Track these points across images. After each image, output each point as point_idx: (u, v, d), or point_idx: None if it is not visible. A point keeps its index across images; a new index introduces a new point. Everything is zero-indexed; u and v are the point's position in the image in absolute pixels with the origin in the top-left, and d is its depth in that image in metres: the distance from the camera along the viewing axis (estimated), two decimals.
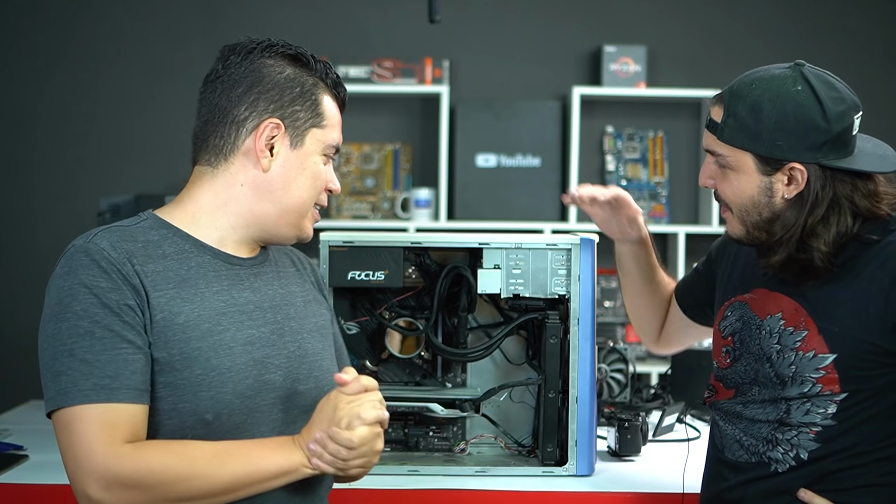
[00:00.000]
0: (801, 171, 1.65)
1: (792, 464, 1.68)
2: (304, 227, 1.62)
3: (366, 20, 4.31)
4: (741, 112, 1.67)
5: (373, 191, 4.30)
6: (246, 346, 1.55)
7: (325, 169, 1.62)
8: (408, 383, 2.23)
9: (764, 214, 1.68)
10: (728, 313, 1.81)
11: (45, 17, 4.27)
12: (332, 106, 1.62)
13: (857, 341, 1.63)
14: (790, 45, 4.32)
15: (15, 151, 4.28)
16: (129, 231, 1.53)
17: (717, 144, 1.70)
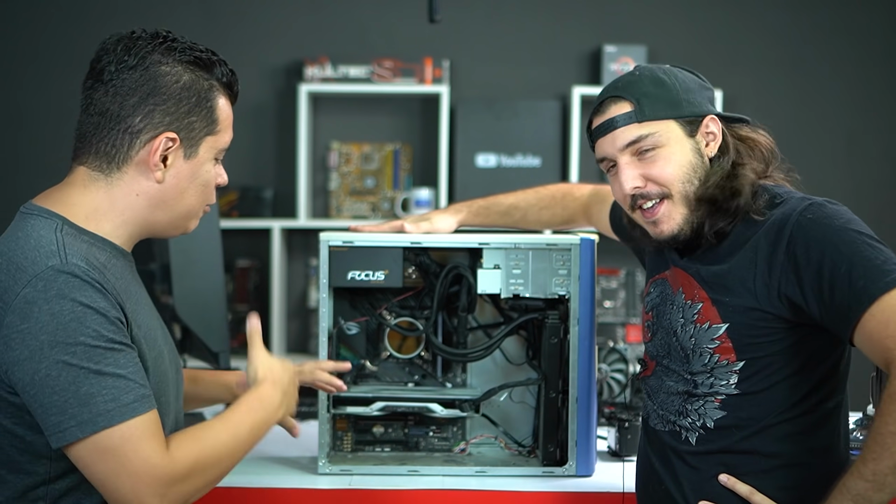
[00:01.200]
0: (714, 121, 1.75)
1: (700, 432, 1.72)
2: (189, 227, 1.62)
3: (366, 20, 4.31)
4: (648, 89, 1.74)
5: (373, 191, 4.29)
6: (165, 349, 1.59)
7: (216, 170, 1.61)
8: (408, 383, 2.23)
9: (702, 178, 1.72)
10: (651, 289, 1.86)
11: (47, 17, 4.27)
12: (226, 107, 1.59)
13: (746, 309, 1.66)
14: (790, 45, 4.33)
15: (16, 151, 4.28)
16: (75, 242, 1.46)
17: (640, 128, 1.72)
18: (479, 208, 2.27)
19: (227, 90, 1.59)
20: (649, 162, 1.72)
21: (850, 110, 4.34)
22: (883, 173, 4.35)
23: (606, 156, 1.76)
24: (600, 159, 1.78)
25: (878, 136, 4.37)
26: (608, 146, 1.75)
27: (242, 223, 4.16)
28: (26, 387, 1.37)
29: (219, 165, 1.62)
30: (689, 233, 1.73)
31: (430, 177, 4.27)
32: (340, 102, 4.29)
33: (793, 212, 1.65)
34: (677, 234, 1.73)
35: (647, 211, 1.74)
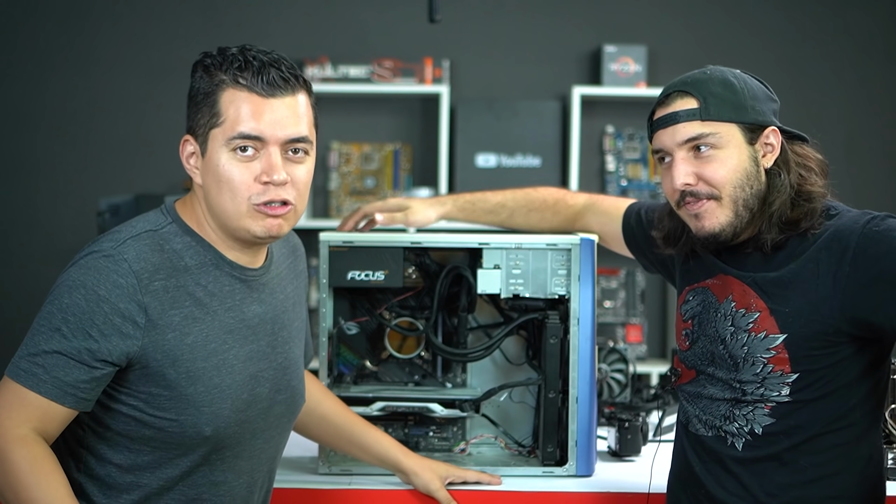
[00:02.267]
0: (775, 134, 1.74)
1: (748, 438, 1.72)
2: (249, 229, 1.57)
3: (366, 20, 4.31)
4: (716, 90, 1.73)
5: (373, 191, 4.30)
6: (245, 363, 1.61)
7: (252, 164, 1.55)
8: (408, 383, 2.23)
9: (754, 188, 1.72)
10: (690, 297, 1.85)
11: (45, 17, 4.27)
12: (235, 97, 1.54)
13: (807, 321, 1.66)
14: (790, 45, 4.33)
15: (16, 151, 4.28)
16: (158, 238, 1.56)
17: (703, 126, 1.71)
18: (465, 203, 2.26)
19: (239, 81, 1.55)
20: (705, 161, 1.72)
21: (850, 110, 4.34)
22: (883, 173, 4.36)
23: (664, 147, 1.76)
24: (657, 150, 1.78)
25: (878, 137, 4.37)
26: (667, 139, 1.74)
27: None
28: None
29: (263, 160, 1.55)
30: (730, 236, 1.73)
31: (430, 177, 4.27)
32: (340, 102, 4.29)
33: (855, 224, 1.65)
34: (718, 234, 1.73)
35: (693, 204, 1.74)
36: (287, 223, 1.59)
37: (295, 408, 1.73)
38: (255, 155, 1.55)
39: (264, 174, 1.55)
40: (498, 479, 2.03)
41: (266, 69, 1.55)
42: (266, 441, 1.67)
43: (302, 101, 1.61)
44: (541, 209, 2.23)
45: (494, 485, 2.03)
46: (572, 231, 2.20)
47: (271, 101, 1.55)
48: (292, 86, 1.58)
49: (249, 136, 1.54)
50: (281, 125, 1.55)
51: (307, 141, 1.61)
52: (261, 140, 1.55)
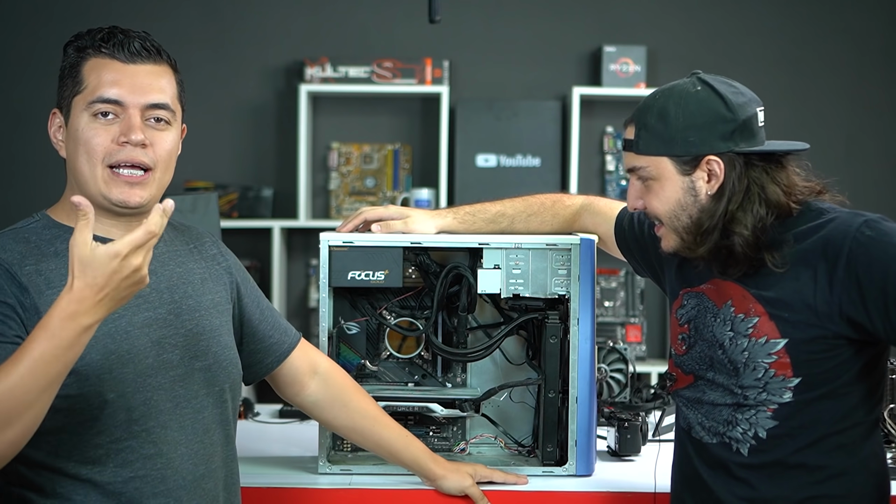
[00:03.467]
0: (717, 163, 1.72)
1: (752, 443, 1.72)
2: (107, 194, 1.59)
3: (366, 20, 4.31)
4: (650, 121, 1.75)
5: (373, 191, 4.30)
6: (143, 329, 1.60)
7: (112, 128, 1.58)
8: (408, 383, 2.23)
9: (693, 216, 1.74)
10: (685, 301, 1.85)
11: (45, 17, 4.27)
12: (98, 65, 1.60)
13: (807, 326, 1.67)
14: (790, 45, 4.33)
15: (15, 152, 4.28)
16: (22, 232, 1.60)
17: (636, 159, 1.77)
18: (465, 215, 2.23)
19: (103, 51, 1.61)
20: (646, 190, 1.79)
21: (849, 110, 4.34)
22: (882, 173, 4.36)
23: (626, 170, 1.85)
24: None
25: (878, 137, 4.37)
26: (624, 162, 1.84)
27: (242, 223, 4.16)
28: None
29: (123, 122, 1.58)
30: (690, 253, 1.77)
31: (430, 177, 4.28)
32: (340, 102, 4.29)
33: (849, 228, 1.65)
34: (677, 251, 1.79)
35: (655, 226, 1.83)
36: (145, 191, 1.60)
37: (224, 376, 1.70)
38: (114, 119, 1.59)
39: (122, 135, 1.58)
40: (524, 479, 2.04)
41: (130, 39, 1.62)
42: (196, 411, 1.65)
43: (165, 73, 1.65)
44: (539, 213, 2.23)
45: (521, 484, 2.03)
46: (571, 232, 2.20)
47: (132, 66, 1.61)
48: (154, 57, 1.63)
49: (109, 100, 1.58)
50: (141, 90, 1.60)
51: (168, 108, 1.63)
52: (120, 104, 1.59)
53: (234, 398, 1.74)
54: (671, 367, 1.90)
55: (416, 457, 1.99)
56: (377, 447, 1.99)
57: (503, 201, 2.26)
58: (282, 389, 1.96)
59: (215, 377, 1.68)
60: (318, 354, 1.98)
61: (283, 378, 1.93)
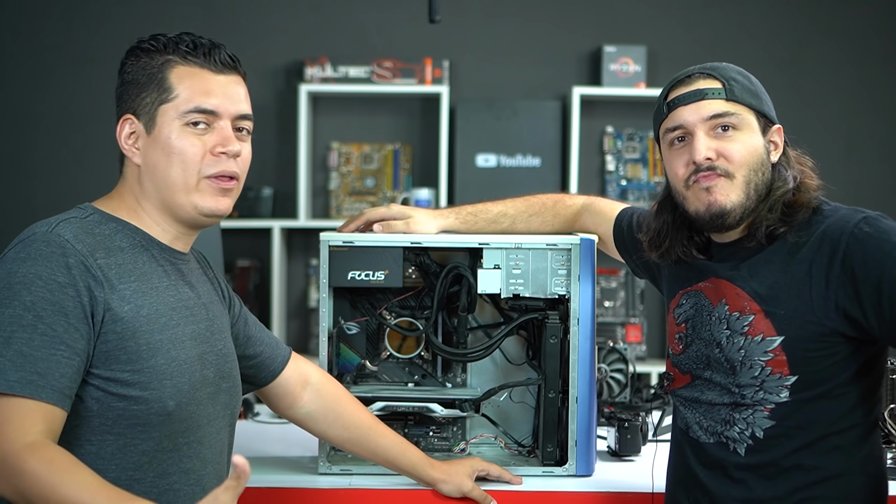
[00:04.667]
0: (780, 132, 1.77)
1: (749, 443, 1.72)
2: (197, 203, 1.60)
3: (366, 20, 4.31)
4: (737, 77, 1.76)
5: (373, 191, 4.30)
6: (192, 341, 1.60)
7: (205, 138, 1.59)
8: (408, 383, 2.23)
9: (765, 175, 1.73)
10: (683, 301, 1.85)
11: (45, 17, 4.27)
12: (188, 73, 1.60)
13: (803, 322, 1.66)
14: (790, 45, 4.33)
15: (15, 151, 4.28)
16: (85, 224, 1.56)
17: (727, 105, 1.73)
18: (467, 215, 2.23)
19: (190, 58, 1.60)
20: (726, 140, 1.72)
21: (849, 111, 4.34)
22: (883, 173, 4.36)
23: (685, 125, 1.74)
24: (673, 128, 1.76)
25: (878, 137, 4.37)
26: (690, 114, 1.74)
27: (243, 223, 4.16)
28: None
29: (217, 133, 1.60)
30: (736, 218, 1.72)
31: (430, 177, 4.28)
32: (340, 102, 4.29)
33: (847, 224, 1.65)
34: (727, 212, 1.71)
35: (707, 178, 1.71)
36: (231, 199, 1.64)
37: (236, 400, 1.72)
38: (206, 129, 1.60)
39: (218, 146, 1.59)
40: (519, 480, 2.04)
41: (216, 48, 1.62)
42: (217, 431, 1.65)
43: (244, 84, 1.67)
44: (541, 213, 2.23)
45: (514, 484, 2.03)
46: (572, 232, 2.20)
47: (222, 77, 1.61)
48: (237, 67, 1.65)
49: (205, 111, 1.59)
50: (232, 100, 1.62)
51: (252, 119, 1.66)
52: (214, 114, 1.60)
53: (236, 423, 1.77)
54: (669, 367, 1.90)
55: (413, 463, 1.98)
56: (374, 455, 1.99)
57: (505, 201, 2.25)
58: (273, 403, 1.96)
59: (231, 399, 1.69)
60: (308, 366, 1.98)
61: (274, 392, 1.93)
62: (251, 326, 1.87)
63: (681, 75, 1.79)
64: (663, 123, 1.78)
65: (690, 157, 1.72)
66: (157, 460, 1.54)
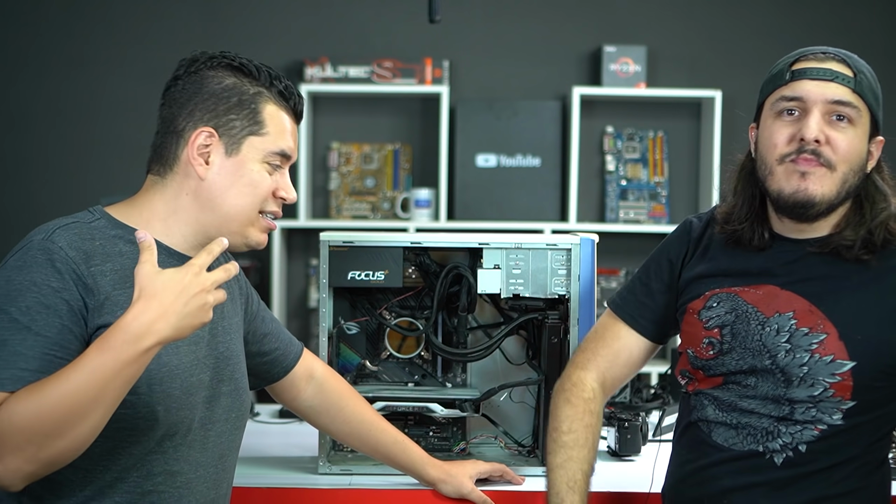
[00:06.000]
0: (880, 145, 1.73)
1: (789, 455, 1.68)
2: (248, 235, 1.63)
3: (366, 20, 4.31)
4: (866, 72, 1.72)
5: (373, 191, 4.30)
6: (189, 346, 1.59)
7: (274, 178, 1.63)
8: (408, 383, 2.23)
9: (858, 178, 1.68)
10: (713, 304, 1.75)
11: (43, 16, 4.27)
12: (278, 114, 1.63)
13: (878, 353, 1.63)
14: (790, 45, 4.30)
15: (14, 151, 4.28)
16: (86, 230, 1.55)
17: (850, 95, 1.68)
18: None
19: (280, 100, 1.63)
20: (839, 129, 1.66)
21: None
22: None
23: (806, 98, 1.67)
24: (790, 97, 1.68)
25: None
26: (815, 90, 1.67)
27: None
28: None
29: (282, 177, 1.64)
30: (821, 212, 1.67)
31: (430, 177, 4.27)
32: (340, 102, 4.29)
33: None
34: (816, 202, 1.65)
35: (807, 162, 1.65)
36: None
37: (241, 404, 1.71)
38: (275, 169, 1.64)
39: (282, 190, 1.64)
40: (520, 479, 2.04)
41: (300, 99, 1.67)
42: (218, 435, 1.65)
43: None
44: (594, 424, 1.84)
45: (516, 483, 2.03)
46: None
47: (295, 126, 1.67)
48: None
49: (285, 155, 1.63)
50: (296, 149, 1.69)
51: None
52: (288, 158, 1.65)
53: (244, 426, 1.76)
54: (686, 366, 1.80)
55: (413, 461, 1.99)
56: (374, 451, 1.99)
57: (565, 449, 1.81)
58: (278, 394, 1.97)
59: (234, 403, 1.69)
60: (314, 360, 1.99)
61: (280, 385, 1.94)
62: (268, 323, 1.88)
63: (810, 50, 1.72)
64: (780, 90, 1.70)
65: (799, 134, 1.65)
66: (142, 461, 1.55)
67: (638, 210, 4.28)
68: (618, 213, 4.28)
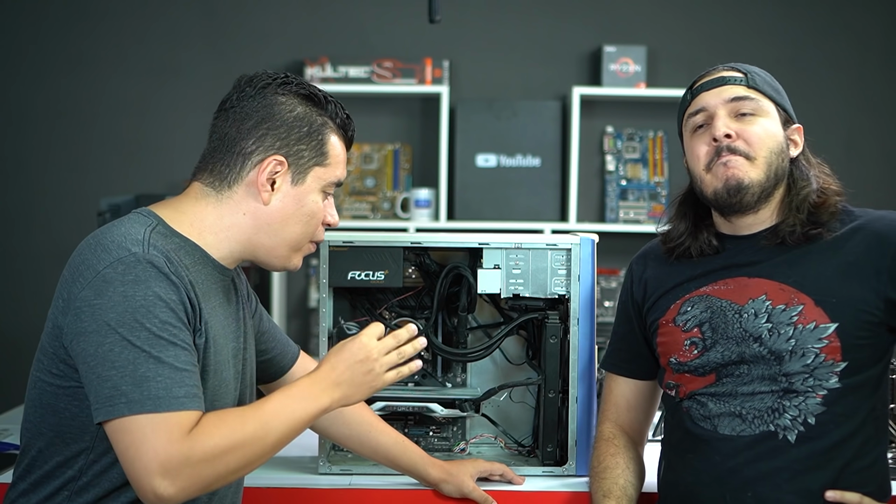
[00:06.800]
0: (800, 133, 1.85)
1: (801, 429, 1.73)
2: (292, 259, 1.67)
3: (366, 20, 4.31)
4: (759, 72, 1.85)
5: (373, 191, 4.30)
6: (233, 360, 1.64)
7: (325, 204, 1.67)
8: (408, 383, 2.23)
9: (784, 162, 1.81)
10: (686, 308, 1.85)
11: (43, 16, 4.27)
12: (338, 145, 1.67)
13: (856, 310, 1.73)
14: (790, 45, 4.33)
15: (14, 151, 4.28)
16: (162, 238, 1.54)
17: (745, 90, 1.82)
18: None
19: (340, 131, 1.67)
20: (746, 122, 1.80)
21: (850, 110, 4.34)
22: (883, 173, 4.36)
23: (706, 107, 1.82)
24: (695, 112, 1.84)
25: (878, 136, 4.37)
26: (712, 97, 1.82)
27: None
28: (88, 357, 1.44)
29: (329, 204, 1.68)
30: (756, 196, 1.79)
31: (430, 177, 4.28)
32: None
33: (893, 221, 1.76)
34: (745, 186, 1.77)
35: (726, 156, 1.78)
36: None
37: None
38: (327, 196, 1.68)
39: (330, 216, 1.68)
40: (521, 479, 2.04)
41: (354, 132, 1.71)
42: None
43: None
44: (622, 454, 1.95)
45: (517, 483, 2.03)
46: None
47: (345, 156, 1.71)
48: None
49: (340, 184, 1.69)
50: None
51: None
52: (340, 186, 1.70)
53: None
54: (672, 377, 1.87)
55: (413, 462, 1.99)
56: (374, 453, 1.99)
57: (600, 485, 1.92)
58: None
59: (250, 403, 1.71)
60: (312, 363, 2.00)
61: (277, 385, 1.95)
62: (265, 322, 1.90)
63: (705, 70, 1.89)
64: (687, 111, 1.87)
65: (711, 137, 1.80)
66: None
67: (638, 210, 4.28)
68: (618, 213, 4.28)
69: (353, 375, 1.58)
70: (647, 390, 2.01)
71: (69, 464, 1.53)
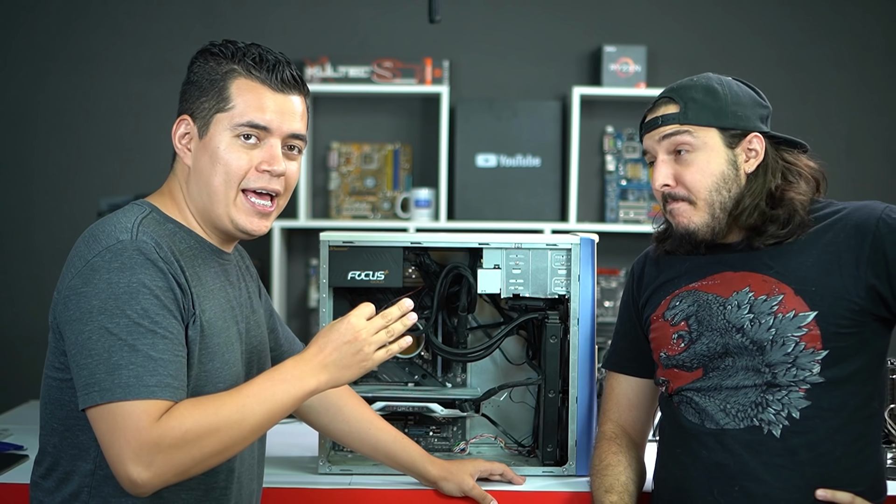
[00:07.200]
0: (759, 140, 1.82)
1: (785, 423, 1.74)
2: (234, 218, 1.61)
3: (366, 20, 4.31)
4: (697, 96, 1.82)
5: (373, 191, 4.30)
6: (238, 342, 1.64)
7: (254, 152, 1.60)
8: (408, 383, 2.24)
9: (732, 191, 1.81)
10: (675, 303, 1.88)
11: (43, 16, 4.27)
12: (249, 87, 1.60)
13: (836, 299, 1.74)
14: (790, 45, 4.33)
15: (14, 151, 4.28)
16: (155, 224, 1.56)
17: (677, 127, 1.82)
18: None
19: (253, 72, 1.60)
20: (683, 165, 1.82)
21: (850, 110, 4.34)
22: (883, 173, 4.36)
23: (649, 149, 1.87)
24: (644, 152, 1.89)
25: (878, 136, 4.37)
26: (651, 141, 1.85)
27: None
28: (71, 346, 1.46)
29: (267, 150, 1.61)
30: (709, 235, 1.83)
31: (430, 177, 4.27)
32: (340, 102, 4.29)
33: (873, 211, 1.76)
34: (693, 232, 1.83)
35: (671, 203, 1.85)
36: (269, 221, 1.66)
37: None
38: (255, 144, 1.61)
39: (265, 163, 1.61)
40: (521, 479, 2.04)
41: (280, 66, 1.62)
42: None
43: (303, 103, 1.67)
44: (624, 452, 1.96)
45: (517, 483, 2.03)
46: None
47: (280, 95, 1.62)
48: (299, 86, 1.65)
49: (257, 126, 1.60)
50: (286, 119, 1.62)
51: (303, 139, 1.67)
52: (266, 130, 1.61)
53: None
54: (663, 373, 1.89)
55: (413, 459, 1.99)
56: (374, 451, 1.99)
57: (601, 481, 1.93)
58: None
59: None
60: None
61: None
62: (275, 319, 1.91)
63: (655, 99, 1.89)
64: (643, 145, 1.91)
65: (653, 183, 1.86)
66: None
67: (638, 210, 4.28)
68: (618, 213, 4.28)
69: (341, 357, 1.54)
70: (649, 389, 2.01)
71: (83, 456, 1.54)
